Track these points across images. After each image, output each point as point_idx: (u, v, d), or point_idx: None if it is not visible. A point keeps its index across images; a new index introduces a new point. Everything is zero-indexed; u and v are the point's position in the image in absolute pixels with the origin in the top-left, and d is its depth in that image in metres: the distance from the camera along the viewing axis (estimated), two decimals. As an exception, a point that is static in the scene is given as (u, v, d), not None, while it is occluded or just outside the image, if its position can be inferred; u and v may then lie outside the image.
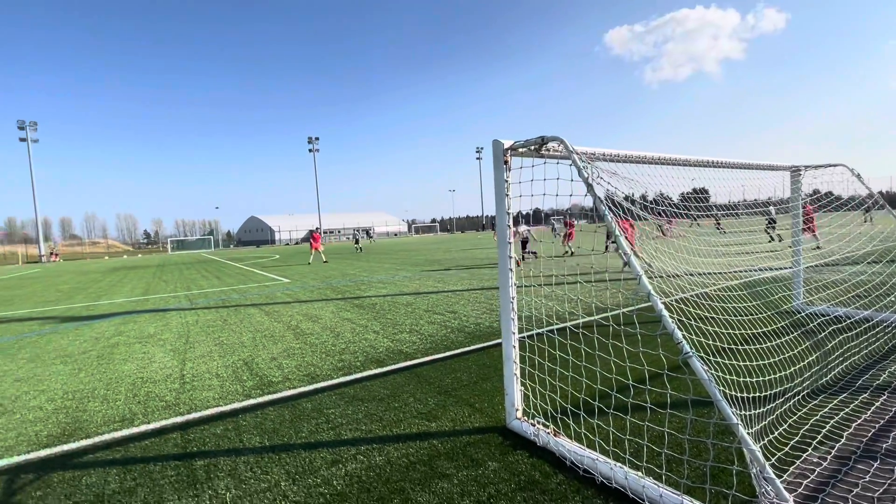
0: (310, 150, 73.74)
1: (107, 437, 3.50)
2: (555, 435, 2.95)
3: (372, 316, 7.69)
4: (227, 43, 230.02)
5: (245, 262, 26.42)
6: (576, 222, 18.38)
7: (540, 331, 4.07)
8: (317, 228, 24.55)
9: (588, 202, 2.63)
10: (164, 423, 3.70)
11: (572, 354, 3.42)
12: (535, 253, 16.20)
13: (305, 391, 4.26)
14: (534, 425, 3.08)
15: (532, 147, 2.97)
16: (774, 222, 8.55)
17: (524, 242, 15.81)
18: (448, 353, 5.21)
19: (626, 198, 3.02)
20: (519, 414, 3.23)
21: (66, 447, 3.37)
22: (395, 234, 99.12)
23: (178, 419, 3.76)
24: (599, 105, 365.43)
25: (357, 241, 33.76)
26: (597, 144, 3.05)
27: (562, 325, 5.48)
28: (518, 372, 3.22)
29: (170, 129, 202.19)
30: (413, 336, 6.12)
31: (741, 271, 9.51)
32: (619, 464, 2.55)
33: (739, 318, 3.89)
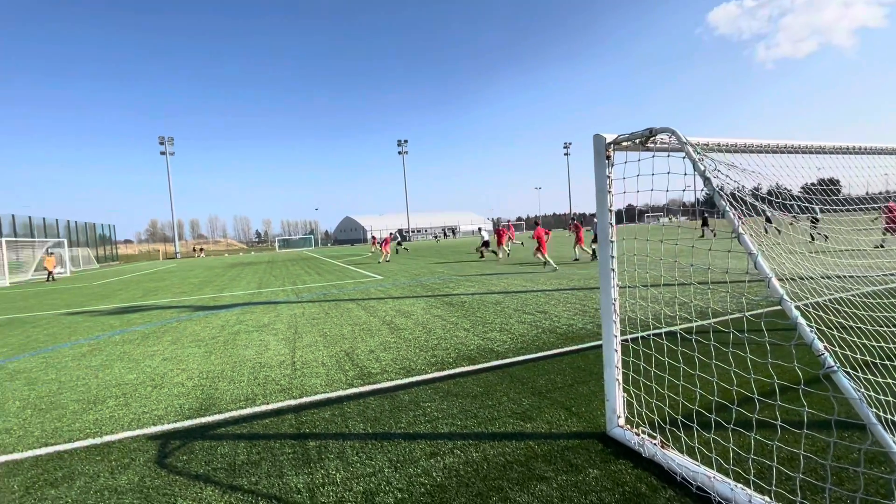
0: (399, 153, 76.82)
1: (235, 413, 3.96)
2: (662, 447, 2.76)
3: (461, 314, 7.80)
4: (325, 55, 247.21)
5: (341, 260, 28.26)
6: (580, 224, 19.18)
7: (644, 334, 3.83)
8: (398, 229, 26.38)
9: (687, 197, 2.42)
10: (280, 404, 4.09)
11: (683, 362, 3.17)
12: (481, 253, 22.45)
13: (402, 384, 4.44)
14: (638, 434, 2.91)
15: (637, 140, 2.80)
16: (817, 220, 7.13)
17: (486, 243, 22.09)
18: (540, 354, 5.11)
19: (740, 189, 2.72)
20: (621, 422, 3.07)
21: (203, 420, 3.86)
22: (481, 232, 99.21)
23: (292, 402, 4.13)
24: (704, 90, 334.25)
25: (399, 243, 35.02)
26: (700, 133, 2.80)
27: (669, 329, 5.11)
28: (620, 377, 3.06)
29: (277, 136, 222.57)
30: (503, 335, 6.10)
31: (888, 275, 8.12)
32: (740, 485, 2.31)
33: (893, 329, 3.32)
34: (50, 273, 26.48)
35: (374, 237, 33.96)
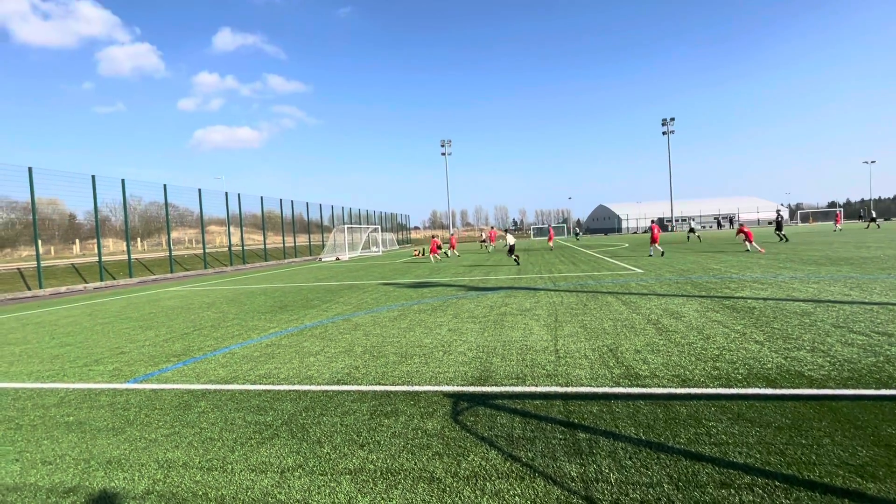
0: (663, 133, 69.22)
1: (507, 388, 4.38)
2: None
3: (750, 322, 6.51)
4: (572, 36, 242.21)
5: (595, 250, 27.59)
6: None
7: None
8: (657, 218, 23.71)
9: None
10: (547, 389, 4.31)
11: None
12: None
13: (676, 393, 4.02)
14: None
15: None
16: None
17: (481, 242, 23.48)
18: (886, 392, 3.79)
19: None
20: None
21: (483, 388, 4.42)
22: (770, 223, 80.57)
23: (558, 389, 4.29)
24: None
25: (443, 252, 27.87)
26: None
27: None
28: None
29: (534, 128, 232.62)
30: (817, 357, 4.79)
31: None
32: None
33: None
34: (434, 252, 29.86)
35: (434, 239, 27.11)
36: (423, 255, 26.23)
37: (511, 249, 19.71)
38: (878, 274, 10.71)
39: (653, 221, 21.67)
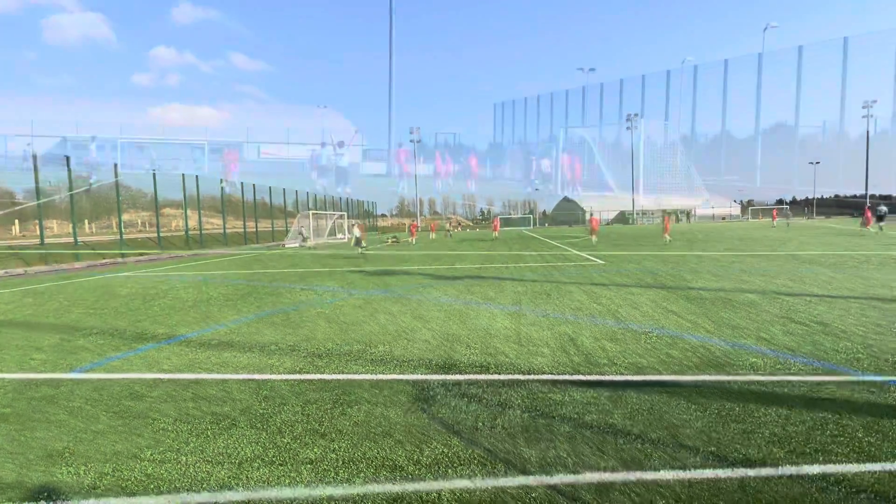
0: (627, 129, 71.17)
1: (472, 377, 4.43)
2: None
3: (702, 312, 6.83)
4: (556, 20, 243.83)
5: (559, 241, 28.18)
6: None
7: None
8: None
9: None
10: (510, 377, 4.38)
11: None
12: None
13: (632, 380, 4.19)
14: None
15: None
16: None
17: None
18: (819, 378, 4.07)
19: None
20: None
21: (447, 376, 4.45)
22: (724, 218, 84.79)
23: (520, 376, 4.37)
24: None
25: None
26: None
27: None
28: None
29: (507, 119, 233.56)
30: (761, 345, 5.09)
31: None
32: None
33: None
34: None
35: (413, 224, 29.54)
36: (398, 241, 26.00)
37: (357, 241, 21.99)
38: (817, 268, 11.46)
39: (591, 214, 25.90)
